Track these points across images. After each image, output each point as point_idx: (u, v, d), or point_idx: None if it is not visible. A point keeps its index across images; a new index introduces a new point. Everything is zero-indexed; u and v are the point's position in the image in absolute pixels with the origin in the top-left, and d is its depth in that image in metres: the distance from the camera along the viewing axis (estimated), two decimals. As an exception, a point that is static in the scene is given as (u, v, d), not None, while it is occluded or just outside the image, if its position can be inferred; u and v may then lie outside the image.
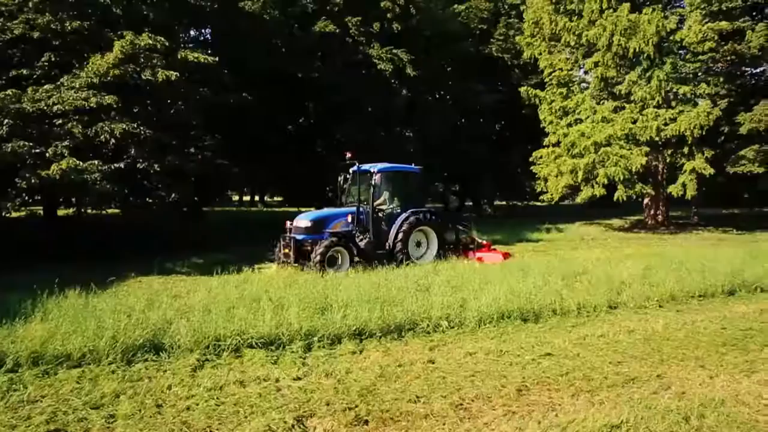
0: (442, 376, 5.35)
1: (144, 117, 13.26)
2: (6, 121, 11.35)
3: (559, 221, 24.74)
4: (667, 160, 22.25)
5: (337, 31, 20.35)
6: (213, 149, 15.74)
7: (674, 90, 20.71)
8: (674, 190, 20.95)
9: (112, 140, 11.96)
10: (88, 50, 13.03)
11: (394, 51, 20.62)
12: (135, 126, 12.22)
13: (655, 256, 13.03)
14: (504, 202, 38.68)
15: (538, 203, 32.14)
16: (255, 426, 4.19)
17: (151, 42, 12.19)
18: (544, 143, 23.32)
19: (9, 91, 11.56)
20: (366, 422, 4.34)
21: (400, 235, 12.36)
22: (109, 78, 12.08)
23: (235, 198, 45.65)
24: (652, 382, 5.18)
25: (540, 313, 7.64)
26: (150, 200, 14.31)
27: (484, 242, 14.33)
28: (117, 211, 15.17)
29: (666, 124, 20.03)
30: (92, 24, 12.87)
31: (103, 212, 15.90)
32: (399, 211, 12.81)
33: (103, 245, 15.05)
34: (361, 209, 12.28)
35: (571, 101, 22.22)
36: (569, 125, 21.88)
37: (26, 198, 13.23)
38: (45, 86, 12.21)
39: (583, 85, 24.03)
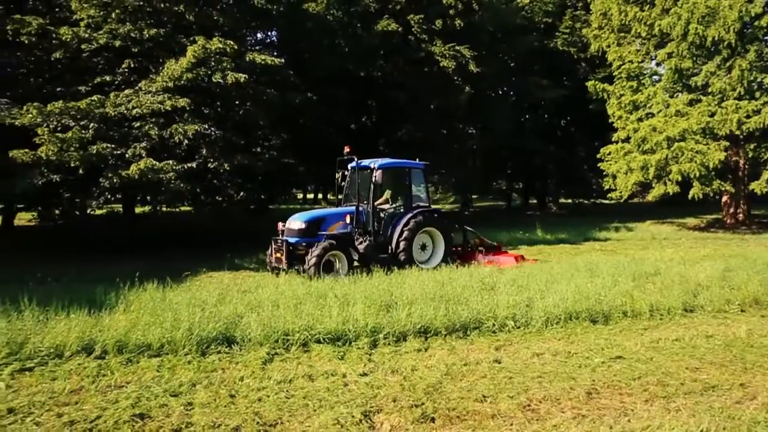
0: (509, 376, 5.29)
1: (214, 118, 13.82)
2: (91, 125, 12.12)
3: (628, 220, 23.80)
4: (749, 155, 20.92)
5: (400, 29, 20.36)
6: (279, 148, 16.19)
7: (758, 80, 19.43)
8: (757, 186, 19.66)
9: (185, 141, 12.52)
10: (164, 56, 13.69)
11: (457, 48, 20.41)
12: (206, 127, 12.76)
13: (736, 257, 12.31)
14: (569, 200, 37.60)
15: (606, 201, 31.05)
16: (324, 419, 4.29)
17: (221, 46, 12.65)
18: (613, 139, 22.48)
19: (94, 97, 12.33)
20: (432, 419, 4.35)
21: (404, 237, 11.33)
22: (182, 82, 12.64)
23: (299, 196, 46.66)
24: (735, 391, 4.91)
25: (610, 315, 7.40)
26: (219, 198, 14.88)
27: (495, 244, 13.38)
28: (189, 208, 15.87)
29: (748, 117, 18.82)
30: (167, 31, 13.49)
31: (177, 210, 16.71)
32: (402, 210, 11.86)
33: (176, 241, 15.81)
34: (361, 209, 11.34)
35: (642, 95, 21.29)
36: (640, 120, 20.98)
37: (108, 197, 14.07)
38: (125, 91, 12.93)
39: (655, 77, 22.94)
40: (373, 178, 11.22)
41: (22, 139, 12.12)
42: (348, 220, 11.19)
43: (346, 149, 11.69)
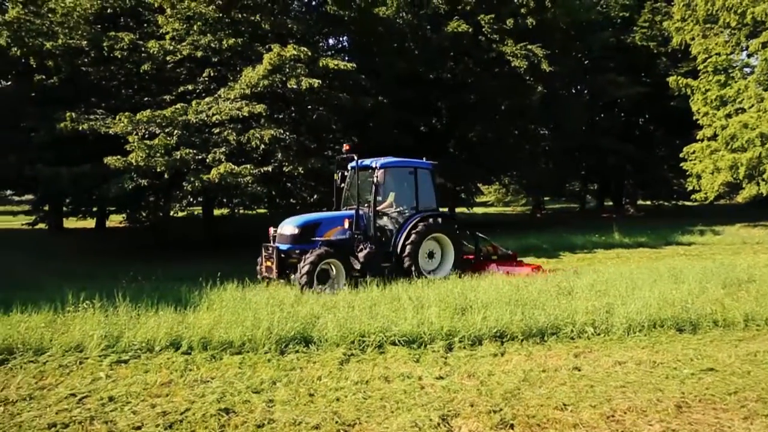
0: (590, 384, 5.11)
1: (288, 123, 14.23)
2: (175, 132, 12.81)
3: (714, 223, 22.42)
4: None
5: (470, 30, 20.17)
6: (349, 151, 16.41)
7: None
8: None
9: (262, 145, 12.97)
10: (241, 64, 14.26)
11: (529, 47, 19.99)
12: (281, 132, 13.17)
13: (841, 263, 11.34)
14: (648, 202, 35.90)
15: (689, 203, 29.39)
16: (401, 422, 4.30)
17: (295, 53, 13.02)
18: (697, 137, 21.26)
19: (178, 106, 13.05)
20: (512, 426, 4.27)
21: (410, 243, 10.24)
22: (259, 88, 13.11)
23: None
24: None
25: (698, 324, 6.99)
26: (294, 201, 15.31)
27: (510, 252, 12.27)
28: (265, 211, 16.41)
29: None
30: (245, 40, 14.05)
31: (253, 212, 17.33)
32: (408, 214, 10.69)
33: (252, 243, 16.35)
34: (361, 213, 10.25)
35: (731, 89, 20.00)
36: (728, 116, 19.73)
37: (191, 200, 14.81)
38: (205, 99, 13.58)
39: (746, 70, 21.51)
40: (375, 179, 10.16)
41: (115, 147, 13.00)
42: (347, 224, 10.06)
43: (345, 147, 10.84)
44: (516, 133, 25.23)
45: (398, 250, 10.30)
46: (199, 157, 12.99)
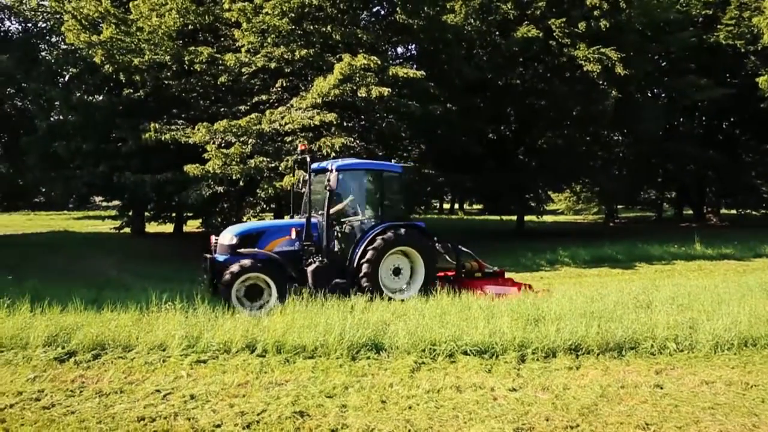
0: (674, 404, 4.86)
1: (358, 131, 14.44)
2: (250, 140, 13.30)
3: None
4: None
5: (540, 35, 19.76)
6: (418, 159, 16.50)
7: None
8: None
9: (332, 153, 13.21)
10: (313, 74, 14.62)
11: (602, 50, 19.33)
12: (351, 140, 13.39)
13: None
14: (733, 211, 33.75)
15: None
16: (475, 433, 4.26)
17: (365, 62, 13.20)
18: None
19: (252, 115, 13.56)
20: (590, 444, 4.13)
21: (367, 259, 8.95)
22: (330, 98, 13.39)
23: (443, 206, 46.98)
24: None
25: (799, 344, 6.49)
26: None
27: (496, 269, 10.90)
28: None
29: None
30: (316, 50, 14.40)
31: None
32: (370, 225, 9.43)
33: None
34: (315, 222, 9.21)
35: (829, 90, 18.54)
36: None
37: (264, 206, 15.31)
38: (278, 109, 14.02)
39: None
40: (327, 183, 8.93)
41: (194, 156, 13.66)
42: (294, 234, 9.05)
43: (300, 147, 9.76)
44: (588, 139, 24.42)
45: (355, 264, 9.07)
46: (273, 164, 13.42)
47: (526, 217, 26.48)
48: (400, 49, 20.09)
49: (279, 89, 14.88)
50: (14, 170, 42.31)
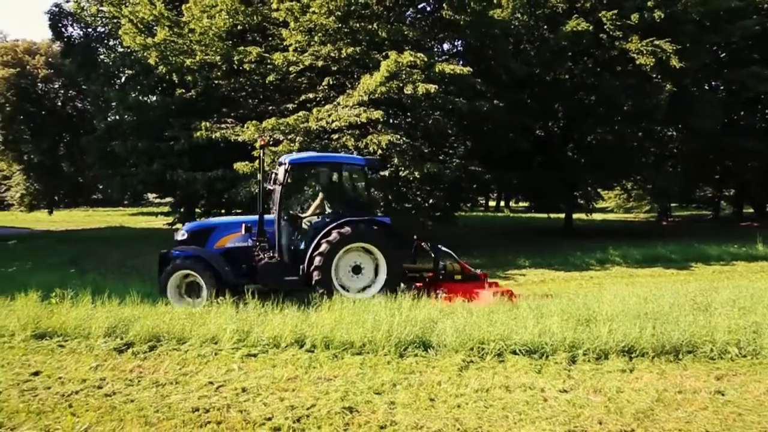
0: (737, 412, 4.64)
1: (405, 128, 14.43)
2: (297, 138, 13.49)
3: None
4: None
5: (590, 28, 19.23)
6: (464, 156, 16.36)
7: None
8: None
9: (379, 151, 13.26)
10: (359, 72, 14.70)
11: (656, 42, 18.64)
12: (398, 137, 13.40)
13: None
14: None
15: None
16: (525, 434, 4.20)
17: (412, 59, 13.18)
18: None
19: (300, 113, 13.75)
20: (647, 449, 4.00)
21: (320, 251, 8.57)
22: (376, 95, 13.43)
23: (490, 203, 46.49)
24: None
25: None
26: (408, 205, 15.50)
27: (479, 272, 10.00)
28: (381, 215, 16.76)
29: None
30: (362, 48, 14.47)
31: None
32: (331, 219, 9.01)
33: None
34: (270, 217, 9.01)
35: None
36: None
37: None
38: (325, 107, 14.15)
39: None
40: (276, 177, 8.79)
41: (243, 153, 13.96)
42: (243, 230, 8.91)
43: (260, 141, 9.40)
44: (640, 135, 23.62)
45: (306, 261, 8.73)
46: (319, 162, 13.55)
47: (575, 215, 25.89)
48: (446, 46, 19.95)
49: (326, 87, 15.03)
50: (75, 168, 44.48)
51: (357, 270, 8.97)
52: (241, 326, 6.61)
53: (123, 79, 20.16)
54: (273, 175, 8.98)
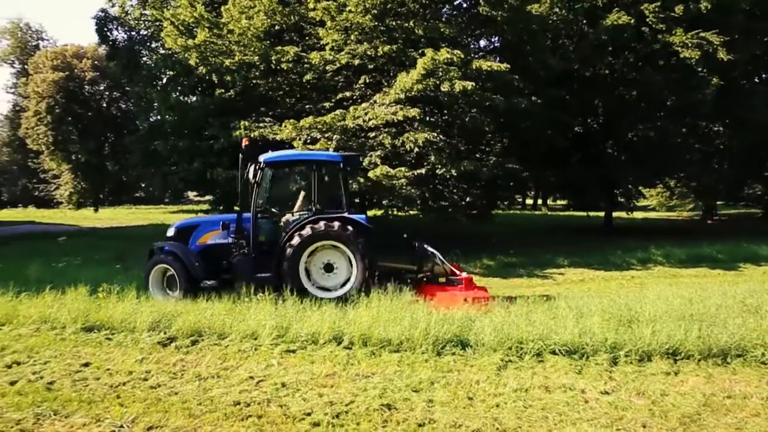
0: (791, 418, 4.47)
1: (441, 126, 14.34)
2: (335, 136, 13.57)
3: None
4: None
5: (632, 21, 18.72)
6: (501, 153, 16.18)
7: None
8: None
9: (415, 149, 13.23)
10: (395, 70, 14.68)
11: (702, 34, 18.02)
12: (435, 135, 13.33)
13: None
14: None
15: None
16: (566, 435, 4.13)
17: (448, 56, 13.08)
18: None
19: (336, 112, 13.82)
20: (693, 455, 3.89)
21: (291, 243, 8.66)
22: (412, 93, 13.40)
23: (518, 200, 45.87)
24: None
25: None
26: (445, 203, 15.42)
27: (462, 276, 9.31)
28: (416, 212, 16.77)
29: None
30: (399, 46, 14.44)
31: (406, 213, 17.77)
32: (305, 216, 9.08)
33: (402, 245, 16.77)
34: (247, 215, 9.13)
35: None
36: None
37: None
38: (362, 105, 14.19)
39: None
40: (249, 175, 8.98)
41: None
42: (221, 228, 9.29)
43: (245, 141, 9.38)
44: (684, 131, 22.89)
45: (278, 256, 8.83)
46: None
47: (614, 213, 25.30)
48: (482, 42, 19.73)
49: (362, 85, 15.07)
50: (119, 167, 45.91)
51: (329, 268, 8.95)
52: (279, 322, 6.71)
53: (164, 80, 20.63)
54: (246, 174, 9.10)
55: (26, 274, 11.18)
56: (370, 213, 20.14)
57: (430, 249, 9.59)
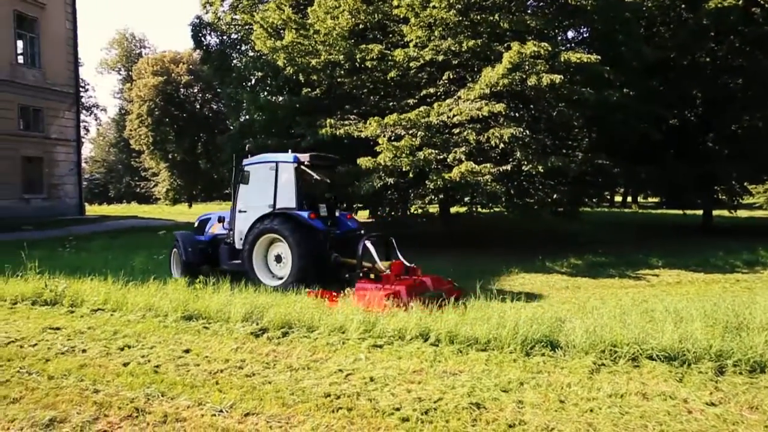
0: None
1: (528, 121, 13.96)
2: (419, 133, 13.58)
3: None
4: None
5: (739, 2, 17.34)
6: (589, 149, 15.54)
7: None
8: None
9: (501, 144, 12.98)
10: (480, 65, 14.46)
11: (824, 13, 16.44)
12: (521, 130, 13.01)
13: None
14: None
15: None
16: (668, 446, 3.91)
17: (535, 49, 12.71)
18: None
19: (421, 109, 13.82)
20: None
21: (246, 236, 10.22)
22: (498, 88, 13.15)
23: (606, 197, 43.90)
24: None
25: None
26: (531, 200, 15.03)
27: (413, 266, 9.27)
28: (501, 209, 16.44)
29: None
30: (483, 41, 14.20)
31: (490, 211, 17.47)
32: (266, 212, 10.25)
33: (489, 241, 16.55)
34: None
35: None
36: None
37: (432, 198, 15.56)
38: (446, 101, 14.10)
39: None
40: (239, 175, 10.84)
41: (366, 149, 14.34)
42: (217, 221, 11.26)
43: (248, 147, 10.82)
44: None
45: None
46: (441, 156, 13.56)
47: (714, 212, 23.59)
48: (570, 33, 18.99)
49: (446, 81, 14.98)
50: (210, 165, 48.46)
51: (278, 259, 10.17)
52: (367, 317, 6.83)
53: (253, 81, 21.48)
54: (235, 176, 10.90)
55: (132, 265, 12.08)
56: (452, 210, 20.06)
57: (370, 245, 9.33)
